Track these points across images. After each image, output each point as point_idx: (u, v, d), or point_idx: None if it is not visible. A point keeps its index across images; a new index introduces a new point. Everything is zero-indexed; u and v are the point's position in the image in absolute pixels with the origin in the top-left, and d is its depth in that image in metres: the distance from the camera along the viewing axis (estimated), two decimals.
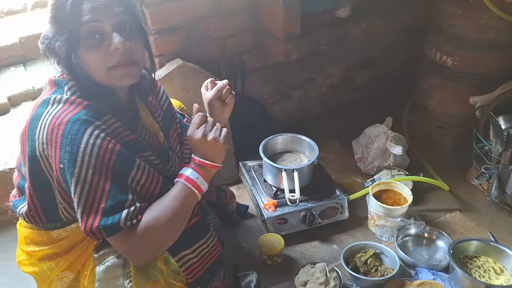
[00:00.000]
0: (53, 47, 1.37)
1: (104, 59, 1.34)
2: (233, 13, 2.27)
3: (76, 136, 1.29)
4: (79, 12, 1.29)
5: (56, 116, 1.32)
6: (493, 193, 2.12)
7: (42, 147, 1.33)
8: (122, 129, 1.40)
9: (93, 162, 1.29)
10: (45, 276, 1.59)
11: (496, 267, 1.91)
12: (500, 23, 2.19)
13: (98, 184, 1.29)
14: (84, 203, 1.29)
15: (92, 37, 1.32)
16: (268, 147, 2.20)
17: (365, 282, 1.86)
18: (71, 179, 1.29)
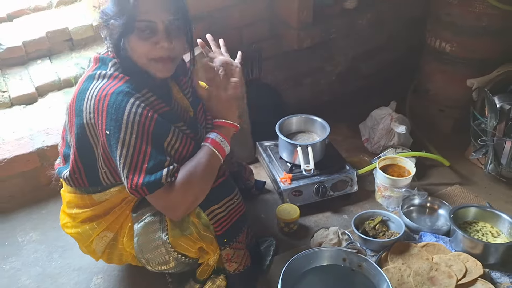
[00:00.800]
0: (108, 24, 1.52)
1: (149, 51, 1.50)
2: (251, 4, 2.46)
3: (120, 106, 1.44)
4: (140, 6, 1.44)
5: (102, 89, 1.48)
6: (490, 166, 2.31)
7: (89, 116, 1.48)
8: (157, 102, 1.55)
9: (136, 128, 1.45)
10: (87, 235, 1.74)
11: (493, 231, 2.07)
12: (493, 11, 2.38)
13: (140, 147, 1.45)
14: (129, 164, 1.45)
15: (144, 31, 1.47)
16: (283, 127, 2.38)
17: (374, 244, 2.03)
18: (117, 143, 1.45)
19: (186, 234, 1.66)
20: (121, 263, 1.90)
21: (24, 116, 2.65)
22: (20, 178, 2.33)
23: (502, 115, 2.19)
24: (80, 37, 3.08)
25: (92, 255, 1.84)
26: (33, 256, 2.12)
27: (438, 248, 2.00)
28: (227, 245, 1.73)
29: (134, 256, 1.77)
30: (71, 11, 3.25)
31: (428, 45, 2.70)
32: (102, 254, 1.81)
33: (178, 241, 1.66)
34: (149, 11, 1.46)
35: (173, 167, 1.50)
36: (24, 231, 2.24)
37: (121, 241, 1.76)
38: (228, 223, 1.71)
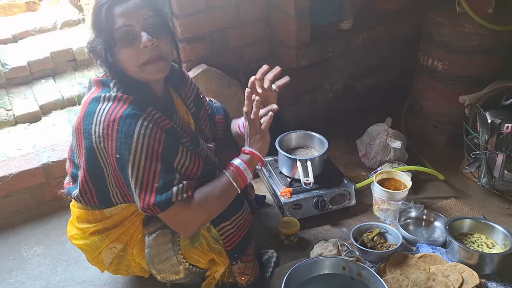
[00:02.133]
0: (95, 49, 1.56)
1: (136, 57, 1.53)
2: (250, 25, 2.56)
3: (129, 130, 1.49)
4: (113, 17, 1.50)
5: (109, 113, 1.51)
6: (483, 179, 2.37)
7: (98, 140, 1.52)
8: (162, 119, 1.59)
9: (145, 150, 1.50)
10: (96, 247, 1.78)
11: (488, 242, 2.12)
12: (482, 30, 2.47)
13: (150, 167, 1.50)
14: (140, 185, 1.51)
15: (126, 38, 1.52)
16: (283, 142, 2.44)
17: (372, 255, 2.07)
18: (127, 165, 1.50)
19: (197, 245, 1.72)
20: (128, 275, 1.94)
21: (28, 134, 2.71)
22: (25, 193, 2.38)
23: (493, 129, 2.27)
24: (84, 57, 3.17)
25: (99, 266, 1.87)
26: (37, 269, 2.16)
27: (435, 259, 2.05)
28: (238, 260, 1.78)
29: (141, 267, 1.81)
30: (75, 32, 3.35)
31: (421, 64, 2.78)
32: (110, 265, 1.84)
33: (189, 252, 1.72)
34: (122, 16, 1.50)
35: (183, 185, 1.54)
36: (28, 245, 2.29)
37: (131, 252, 1.80)
38: (237, 238, 1.76)
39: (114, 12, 1.50)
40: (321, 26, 2.63)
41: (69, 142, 2.41)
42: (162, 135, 1.54)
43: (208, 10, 2.40)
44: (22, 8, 3.50)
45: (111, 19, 1.50)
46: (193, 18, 2.36)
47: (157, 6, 1.59)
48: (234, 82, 2.49)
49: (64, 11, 3.47)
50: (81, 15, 3.46)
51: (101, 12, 1.50)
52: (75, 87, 3.03)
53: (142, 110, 1.54)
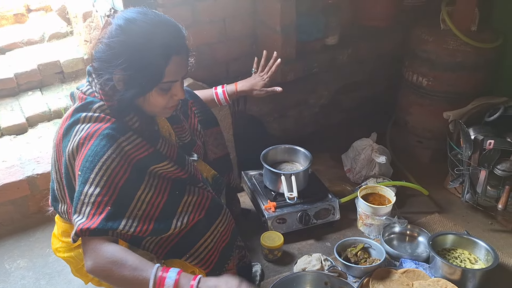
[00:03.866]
0: (110, 72, 1.48)
1: (167, 103, 1.56)
2: (236, 40, 2.59)
3: (100, 151, 1.45)
4: (165, 65, 1.46)
5: (86, 132, 1.48)
6: (466, 195, 2.39)
7: (69, 156, 1.50)
8: (142, 144, 1.56)
9: (108, 174, 1.45)
10: (80, 258, 1.75)
11: (471, 257, 2.14)
12: (466, 47, 2.52)
13: (106, 193, 1.44)
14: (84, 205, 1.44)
15: (167, 88, 1.52)
16: (267, 157, 2.44)
17: (356, 270, 2.08)
18: (85, 182, 1.43)
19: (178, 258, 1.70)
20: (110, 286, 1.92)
21: (14, 146, 2.70)
22: (9, 205, 2.37)
23: (476, 146, 2.29)
24: (71, 70, 3.17)
25: (83, 277, 1.86)
26: (20, 282, 2.14)
27: (418, 274, 2.06)
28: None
29: None
30: (63, 45, 3.35)
31: (406, 80, 2.82)
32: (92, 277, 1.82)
33: (171, 263, 1.69)
34: (174, 73, 1.50)
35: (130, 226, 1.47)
36: (12, 258, 2.27)
37: None
38: (215, 257, 1.72)
39: (169, 61, 1.47)
40: (307, 41, 2.65)
41: None
42: (128, 168, 1.49)
43: (195, 25, 2.42)
44: (10, 20, 3.49)
45: (162, 66, 1.47)
46: None
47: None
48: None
49: (52, 24, 3.47)
50: (69, 28, 3.46)
51: (152, 53, 1.45)
52: (62, 99, 3.02)
53: (121, 133, 1.52)
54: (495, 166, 2.25)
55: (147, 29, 1.46)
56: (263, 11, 2.53)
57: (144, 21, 1.47)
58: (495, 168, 2.25)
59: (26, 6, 3.58)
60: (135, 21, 1.47)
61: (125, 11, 1.54)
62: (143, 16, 1.49)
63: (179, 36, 1.53)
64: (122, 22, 1.47)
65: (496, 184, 2.29)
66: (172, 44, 1.49)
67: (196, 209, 1.67)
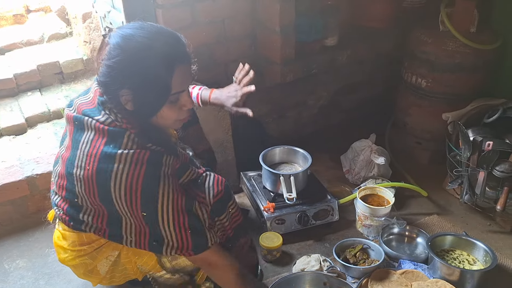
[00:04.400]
0: (117, 94, 1.48)
1: (178, 115, 1.56)
2: (235, 41, 2.58)
3: (152, 191, 1.50)
4: (172, 77, 1.46)
5: (129, 179, 1.47)
6: (465, 196, 2.39)
7: (120, 200, 1.50)
8: (174, 161, 1.60)
9: (171, 207, 1.53)
10: (93, 258, 1.76)
11: (469, 258, 2.14)
12: (465, 49, 2.52)
13: (179, 220, 1.57)
14: (175, 236, 1.58)
15: (174, 101, 1.52)
16: (267, 157, 2.45)
17: (355, 271, 2.08)
18: (157, 220, 1.53)
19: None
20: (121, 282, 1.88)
21: (13, 146, 2.70)
22: (8, 205, 2.37)
23: (475, 147, 2.30)
24: (71, 71, 3.18)
25: (93, 278, 1.85)
26: (19, 282, 2.14)
27: (417, 275, 2.06)
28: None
29: (137, 268, 1.80)
30: (62, 45, 3.36)
31: (405, 81, 2.82)
32: (106, 274, 1.81)
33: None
34: (181, 83, 1.50)
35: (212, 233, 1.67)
36: (11, 258, 2.27)
37: (125, 255, 1.77)
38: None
39: (174, 73, 1.47)
40: (306, 42, 2.65)
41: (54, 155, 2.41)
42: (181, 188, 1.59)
43: (194, 26, 2.41)
44: (10, 20, 3.50)
45: (167, 81, 1.46)
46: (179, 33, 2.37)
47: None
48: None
49: (52, 24, 3.48)
50: (69, 29, 3.47)
51: (158, 66, 1.44)
52: (61, 100, 3.03)
53: (160, 163, 1.53)
54: (494, 167, 2.25)
55: (146, 43, 1.44)
56: (262, 11, 2.53)
57: (141, 35, 1.45)
58: (494, 169, 2.25)
59: (26, 6, 3.59)
60: (132, 37, 1.45)
61: (121, 28, 1.51)
62: (139, 31, 1.46)
63: (179, 45, 1.52)
64: (120, 40, 1.44)
65: (494, 185, 2.29)
66: (174, 54, 1.47)
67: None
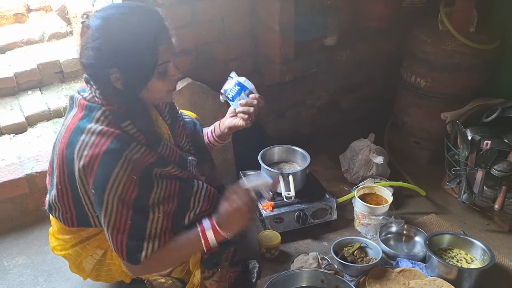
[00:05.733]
0: (105, 74, 1.50)
1: (168, 85, 1.58)
2: (235, 40, 2.59)
3: (108, 170, 1.49)
4: (157, 52, 1.49)
5: (92, 148, 1.49)
6: (463, 196, 2.40)
7: (79, 173, 1.53)
8: (147, 152, 1.58)
9: (119, 193, 1.50)
10: (77, 254, 1.79)
11: (467, 257, 2.15)
12: (464, 49, 2.53)
13: (122, 211, 1.51)
14: (112, 226, 1.53)
15: (163, 71, 1.54)
16: (265, 157, 2.46)
17: (352, 269, 2.09)
18: (101, 204, 1.51)
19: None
20: (108, 281, 1.94)
21: (13, 144, 2.70)
22: (8, 203, 2.37)
23: (473, 146, 2.30)
24: (71, 70, 3.17)
25: (81, 273, 1.88)
26: (18, 280, 2.15)
27: (414, 273, 2.07)
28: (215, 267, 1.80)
29: (122, 271, 1.81)
30: (62, 44, 3.35)
31: (404, 80, 2.83)
32: (91, 272, 1.84)
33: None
34: (166, 53, 1.52)
35: (152, 248, 1.57)
36: (10, 255, 2.28)
37: (110, 256, 1.80)
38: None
39: (159, 45, 1.50)
40: (305, 42, 2.67)
41: None
42: (137, 179, 1.53)
43: (193, 24, 2.43)
44: (10, 19, 3.50)
45: (153, 53, 1.49)
46: (178, 32, 2.32)
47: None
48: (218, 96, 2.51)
49: (52, 24, 3.48)
50: (69, 28, 3.47)
51: (139, 43, 1.48)
52: (61, 99, 3.03)
53: (126, 147, 1.53)
54: (492, 166, 2.26)
55: (126, 20, 1.48)
56: (262, 10, 2.54)
57: (120, 13, 1.49)
58: (492, 168, 2.26)
59: (26, 5, 3.59)
60: (112, 16, 1.49)
61: (98, 11, 1.54)
62: (118, 9, 1.51)
63: (159, 18, 1.55)
64: (100, 22, 1.48)
65: (493, 185, 2.29)
66: (155, 26, 1.52)
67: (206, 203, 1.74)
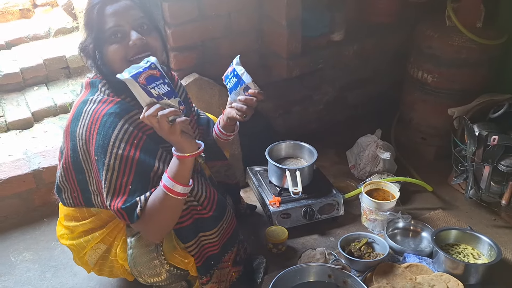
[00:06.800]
0: (86, 48, 1.62)
1: (125, 53, 1.58)
2: (242, 35, 2.59)
3: (107, 132, 1.52)
4: (104, 17, 1.56)
5: (93, 114, 1.56)
6: (470, 191, 2.39)
7: (81, 143, 1.57)
8: (145, 123, 1.57)
9: (120, 156, 1.52)
10: (81, 247, 1.81)
11: (474, 253, 2.15)
12: (471, 44, 2.52)
13: (124, 174, 1.53)
14: (113, 189, 1.54)
15: (115, 35, 1.57)
16: (272, 152, 2.46)
17: (359, 264, 2.09)
18: (103, 167, 1.53)
19: (179, 248, 1.73)
20: (112, 276, 1.94)
21: (19, 140, 2.71)
22: (15, 199, 2.39)
23: (480, 142, 2.30)
24: (77, 65, 3.18)
25: (85, 266, 1.90)
26: (26, 275, 2.16)
27: (421, 268, 2.07)
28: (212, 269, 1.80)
29: (124, 269, 1.82)
30: (68, 40, 3.36)
31: (411, 76, 2.82)
32: (94, 266, 1.86)
33: (172, 253, 1.73)
34: (113, 17, 1.56)
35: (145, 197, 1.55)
36: (17, 250, 2.29)
37: (114, 253, 1.81)
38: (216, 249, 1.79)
39: (105, 12, 1.56)
40: (313, 37, 2.66)
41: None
42: (141, 140, 1.56)
43: (200, 20, 2.42)
44: (16, 15, 3.51)
45: (102, 19, 1.56)
46: (185, 27, 2.38)
47: (146, 7, 1.65)
48: (225, 91, 2.51)
49: (58, 19, 3.49)
50: (75, 23, 3.48)
51: (93, 12, 1.57)
52: (68, 94, 3.04)
53: (125, 112, 1.57)
54: (499, 162, 2.25)
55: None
56: (268, 5, 2.54)
57: None
58: (499, 164, 2.25)
59: (32, 1, 3.60)
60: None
61: None
62: None
63: None
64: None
65: (500, 180, 2.29)
66: None
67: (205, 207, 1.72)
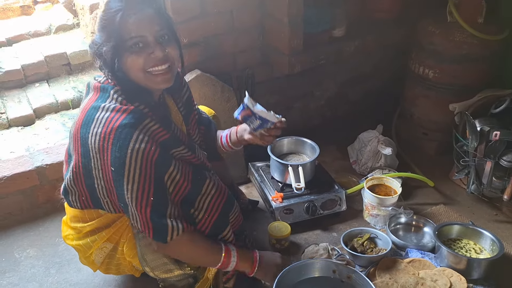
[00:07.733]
0: (100, 52, 1.57)
1: (145, 63, 1.54)
2: (244, 32, 2.59)
3: (123, 144, 1.50)
4: (126, 25, 1.51)
5: (106, 124, 1.53)
6: (472, 186, 2.41)
7: (95, 151, 1.55)
8: (159, 130, 1.60)
9: (139, 168, 1.52)
10: (88, 247, 1.80)
11: (476, 247, 2.15)
12: (472, 40, 2.52)
13: (144, 185, 1.54)
14: (135, 200, 1.55)
15: (137, 45, 1.53)
16: (275, 148, 2.46)
17: (362, 259, 2.10)
18: (122, 179, 1.52)
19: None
20: (118, 274, 1.96)
21: (21, 137, 2.72)
22: (19, 195, 2.39)
23: (482, 137, 2.31)
24: (78, 62, 3.19)
25: (91, 266, 1.90)
26: (30, 271, 2.16)
27: (424, 263, 2.08)
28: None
29: (132, 266, 1.83)
30: (69, 37, 3.37)
31: (412, 72, 2.82)
32: (101, 265, 1.86)
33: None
34: (137, 28, 1.52)
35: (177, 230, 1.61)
36: (21, 247, 2.29)
37: (121, 251, 1.82)
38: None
39: (129, 20, 1.51)
40: (314, 33, 2.66)
41: (63, 146, 2.42)
42: (156, 152, 1.55)
43: (202, 16, 2.42)
44: (17, 12, 3.51)
45: (125, 26, 1.51)
46: (187, 24, 2.39)
47: (167, 16, 1.61)
48: (228, 88, 2.52)
49: (59, 16, 3.49)
50: (76, 20, 3.48)
51: (115, 18, 1.51)
52: (69, 91, 3.04)
53: (139, 122, 1.56)
54: (501, 157, 2.26)
55: (107, 2, 1.55)
56: (270, 2, 2.54)
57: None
58: (501, 159, 2.26)
59: None
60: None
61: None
62: None
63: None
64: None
65: (501, 175, 2.30)
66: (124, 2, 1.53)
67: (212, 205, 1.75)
